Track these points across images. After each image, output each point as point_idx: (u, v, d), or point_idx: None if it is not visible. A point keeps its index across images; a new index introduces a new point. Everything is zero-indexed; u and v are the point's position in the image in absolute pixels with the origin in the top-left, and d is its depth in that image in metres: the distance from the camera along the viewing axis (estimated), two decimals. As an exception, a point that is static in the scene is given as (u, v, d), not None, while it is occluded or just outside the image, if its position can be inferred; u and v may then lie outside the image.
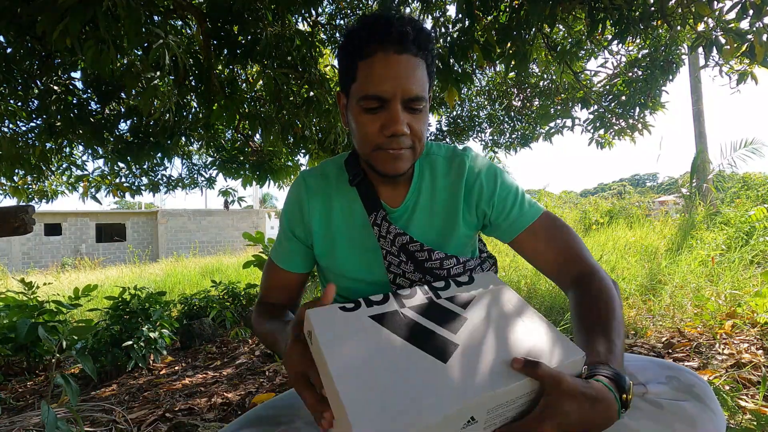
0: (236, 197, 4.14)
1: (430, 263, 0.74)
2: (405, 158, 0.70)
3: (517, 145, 5.19)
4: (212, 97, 2.48)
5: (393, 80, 0.65)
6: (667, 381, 0.58)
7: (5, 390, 2.30)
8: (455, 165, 0.79)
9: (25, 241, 15.04)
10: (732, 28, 2.16)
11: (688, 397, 0.55)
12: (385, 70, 0.65)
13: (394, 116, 0.66)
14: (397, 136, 0.67)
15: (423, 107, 0.69)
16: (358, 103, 0.68)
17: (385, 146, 0.68)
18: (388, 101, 0.66)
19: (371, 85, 0.66)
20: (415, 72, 0.67)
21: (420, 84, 0.67)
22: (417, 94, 0.66)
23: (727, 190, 5.98)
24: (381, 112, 0.67)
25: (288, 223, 0.82)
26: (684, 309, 2.30)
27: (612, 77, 3.88)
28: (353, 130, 0.72)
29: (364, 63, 0.67)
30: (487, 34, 2.10)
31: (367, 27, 0.66)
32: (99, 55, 1.58)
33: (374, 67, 0.65)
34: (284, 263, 0.83)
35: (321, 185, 0.80)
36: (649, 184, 49.52)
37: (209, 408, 1.71)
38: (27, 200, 3.86)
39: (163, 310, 2.72)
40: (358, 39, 0.67)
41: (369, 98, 0.66)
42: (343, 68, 0.72)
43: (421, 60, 0.68)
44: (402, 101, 0.66)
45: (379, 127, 0.67)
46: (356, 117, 0.70)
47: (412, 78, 0.66)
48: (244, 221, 18.02)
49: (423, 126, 0.70)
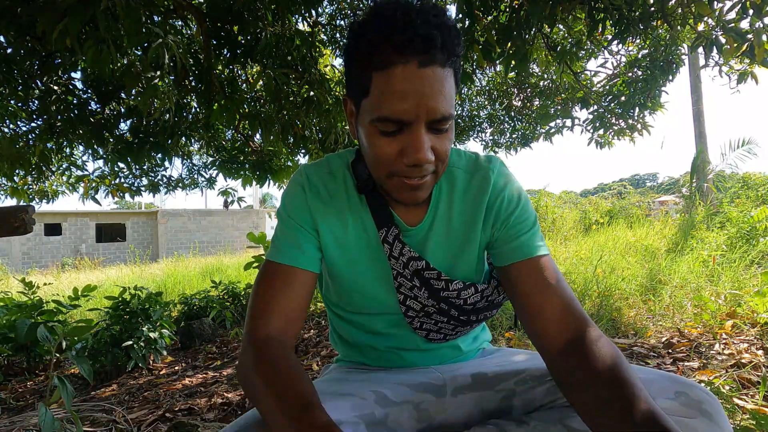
0: (236, 197, 4.14)
1: (446, 293, 0.67)
2: (426, 187, 0.60)
3: (517, 145, 5.20)
4: (212, 97, 2.48)
5: (416, 100, 0.53)
6: (676, 396, 0.55)
7: (5, 390, 2.30)
8: (477, 179, 0.68)
9: (25, 241, 15.04)
10: (732, 28, 2.16)
11: (697, 414, 0.53)
12: (407, 87, 0.53)
13: (417, 143, 0.55)
14: (420, 166, 0.56)
15: (449, 126, 0.58)
16: (372, 123, 0.57)
17: (404, 174, 0.58)
18: (409, 125, 0.55)
19: (389, 105, 0.54)
20: (443, 87, 0.54)
21: (448, 101, 0.55)
22: (444, 113, 0.55)
23: (728, 190, 5.98)
24: (400, 135, 0.56)
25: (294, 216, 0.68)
26: (684, 309, 2.30)
27: (612, 77, 3.88)
28: (364, 148, 0.61)
29: (378, 76, 0.54)
30: (487, 34, 2.10)
31: (382, 29, 0.53)
32: (99, 55, 1.58)
33: (392, 84, 0.53)
34: (295, 259, 0.65)
35: (329, 184, 0.69)
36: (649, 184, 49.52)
37: (209, 408, 1.70)
38: (27, 200, 3.87)
39: (163, 310, 2.72)
40: (371, 44, 0.54)
41: (386, 121, 0.55)
42: (352, 75, 0.59)
43: (449, 69, 0.55)
44: (426, 123, 0.55)
45: (397, 152, 0.57)
46: (369, 137, 0.58)
47: (440, 96, 0.54)
48: (244, 221, 18.02)
49: (448, 146, 0.59)
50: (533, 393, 0.65)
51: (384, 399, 0.63)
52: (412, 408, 0.65)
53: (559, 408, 0.62)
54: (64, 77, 2.68)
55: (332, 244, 0.68)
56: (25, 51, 2.16)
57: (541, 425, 0.58)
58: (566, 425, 0.57)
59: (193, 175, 4.17)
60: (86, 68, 2.60)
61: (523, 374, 0.67)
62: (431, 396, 0.66)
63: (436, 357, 0.76)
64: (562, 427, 0.57)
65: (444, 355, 0.77)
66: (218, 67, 2.66)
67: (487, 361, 0.76)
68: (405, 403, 0.64)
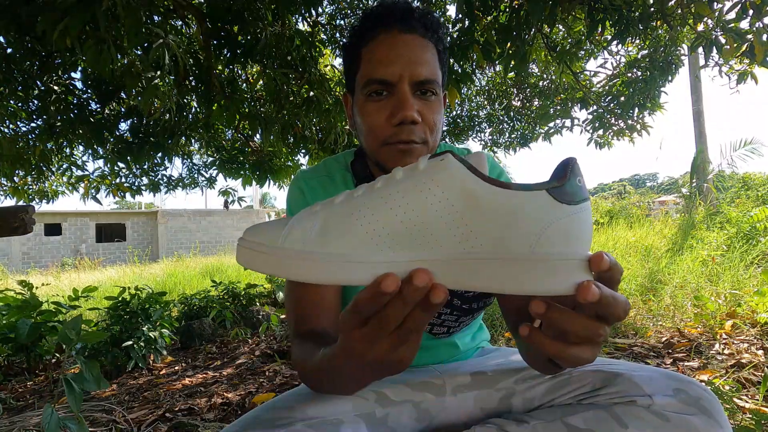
0: (236, 197, 4.14)
1: None
2: (417, 153, 0.62)
3: (516, 145, 5.20)
4: (212, 97, 2.48)
5: (399, 61, 0.58)
6: (675, 393, 0.55)
7: (5, 390, 2.30)
8: None
9: (25, 241, 15.04)
10: (732, 28, 2.16)
11: (696, 411, 0.53)
12: (390, 51, 0.59)
13: (402, 100, 0.59)
14: (407, 124, 0.60)
15: (436, 93, 0.62)
16: (362, 92, 0.62)
17: (394, 139, 0.61)
18: (394, 85, 0.59)
19: (375, 68, 0.60)
20: (424, 53, 0.60)
21: (430, 66, 0.60)
22: (427, 76, 0.59)
23: (728, 190, 5.98)
24: (388, 99, 0.60)
25: None
26: (684, 309, 2.30)
27: (611, 78, 3.88)
28: (359, 125, 0.65)
29: (366, 48, 0.61)
30: (487, 34, 2.10)
31: (370, 14, 0.62)
32: (99, 55, 1.58)
33: (378, 50, 0.60)
34: None
35: (328, 186, 0.72)
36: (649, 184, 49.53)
37: (209, 408, 1.70)
38: (27, 200, 3.86)
39: (163, 310, 2.72)
40: (361, 28, 0.62)
41: (373, 82, 0.60)
42: (348, 63, 0.66)
43: (429, 42, 0.61)
44: (410, 84, 0.59)
45: (386, 116, 0.60)
46: (361, 108, 0.63)
47: (421, 59, 0.59)
48: (244, 221, 18.02)
49: (436, 116, 0.62)
50: (533, 392, 0.65)
51: (384, 398, 0.64)
52: (412, 407, 0.65)
53: (559, 406, 0.62)
54: (64, 77, 2.68)
55: None
56: (25, 51, 2.16)
57: (541, 424, 0.59)
58: (566, 423, 0.57)
59: (193, 175, 4.17)
60: (86, 68, 2.60)
61: (522, 373, 0.67)
62: (431, 395, 0.67)
63: (435, 356, 0.77)
64: (563, 426, 0.57)
65: (443, 353, 0.77)
66: (218, 67, 2.66)
67: (486, 360, 0.76)
68: (405, 402, 0.65)
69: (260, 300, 3.90)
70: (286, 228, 0.36)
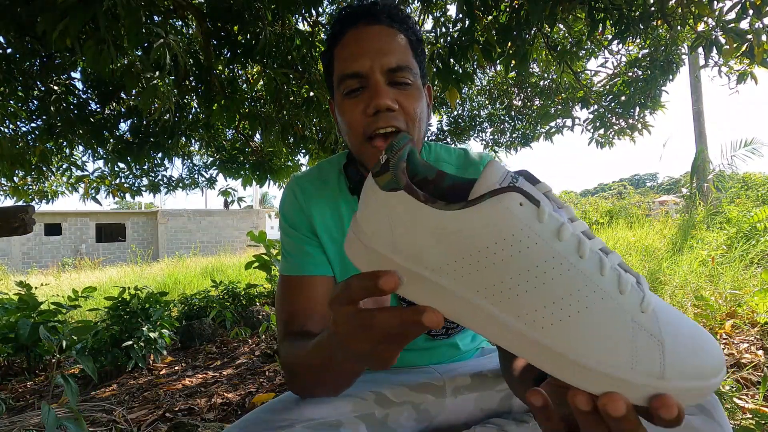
0: (236, 197, 4.14)
1: None
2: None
3: (517, 145, 5.20)
4: (212, 97, 2.48)
5: (367, 52, 0.59)
6: None
7: (5, 390, 2.30)
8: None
9: (25, 241, 15.04)
10: (732, 28, 2.16)
11: (696, 411, 0.53)
12: (358, 44, 0.60)
13: (375, 89, 0.59)
14: (383, 112, 0.59)
15: (411, 82, 0.61)
16: (339, 91, 0.62)
17: (372, 129, 0.60)
18: (367, 77, 0.59)
19: (346, 63, 0.60)
20: (392, 41, 0.60)
21: (400, 53, 0.60)
22: (398, 63, 0.59)
23: (728, 190, 5.98)
24: (363, 93, 0.60)
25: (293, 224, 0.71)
26: (684, 309, 2.30)
27: (612, 77, 3.88)
28: (341, 125, 0.65)
29: (337, 49, 0.63)
30: (487, 34, 2.10)
31: (338, 18, 0.64)
32: (99, 55, 1.58)
33: (347, 46, 0.61)
34: (308, 268, 0.67)
35: (322, 189, 0.72)
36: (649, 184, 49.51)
37: (209, 408, 1.70)
38: (27, 200, 3.86)
39: (163, 310, 2.72)
40: (332, 32, 0.64)
41: (346, 77, 0.60)
42: (325, 67, 0.68)
43: (397, 32, 0.62)
44: (383, 73, 0.59)
45: (362, 110, 0.60)
46: (340, 107, 0.63)
47: (389, 47, 0.60)
48: (244, 221, 18.02)
49: (416, 104, 0.61)
50: None
51: (384, 399, 0.63)
52: (411, 408, 0.65)
53: None
54: (64, 77, 2.68)
55: (330, 245, 0.70)
56: (25, 51, 2.16)
57: None
58: None
59: (193, 175, 4.16)
60: (86, 68, 2.60)
61: None
62: (431, 396, 0.66)
63: (435, 356, 0.76)
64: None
65: (443, 354, 0.77)
66: (218, 67, 2.66)
67: (486, 360, 0.76)
68: (405, 403, 0.64)
69: (260, 300, 3.90)
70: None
